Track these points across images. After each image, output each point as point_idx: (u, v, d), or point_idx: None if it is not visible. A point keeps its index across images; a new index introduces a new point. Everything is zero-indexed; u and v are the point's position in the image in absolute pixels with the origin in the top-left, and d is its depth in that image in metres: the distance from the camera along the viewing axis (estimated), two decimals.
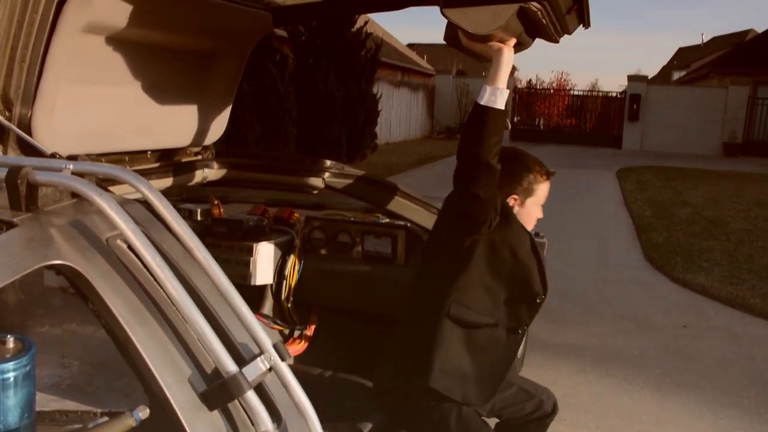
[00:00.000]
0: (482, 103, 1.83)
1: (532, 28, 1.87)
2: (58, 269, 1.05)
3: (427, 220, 2.65)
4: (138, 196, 1.15)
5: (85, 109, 1.98)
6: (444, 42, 1.99)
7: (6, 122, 1.64)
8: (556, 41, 2.05)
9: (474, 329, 2.04)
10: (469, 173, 1.88)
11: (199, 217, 2.67)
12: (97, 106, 2.05)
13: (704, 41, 48.54)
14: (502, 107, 1.85)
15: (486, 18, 1.62)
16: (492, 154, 1.84)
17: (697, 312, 5.53)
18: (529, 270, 2.11)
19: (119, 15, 1.87)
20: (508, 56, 1.86)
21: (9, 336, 1.01)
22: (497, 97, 1.83)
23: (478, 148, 1.83)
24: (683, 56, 51.00)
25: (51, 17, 1.64)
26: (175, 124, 2.46)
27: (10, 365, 0.98)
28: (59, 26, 1.67)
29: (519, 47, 1.99)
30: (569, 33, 2.04)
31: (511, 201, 2.14)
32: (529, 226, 2.20)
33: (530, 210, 2.19)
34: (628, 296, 5.85)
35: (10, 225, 1.05)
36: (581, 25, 2.05)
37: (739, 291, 5.99)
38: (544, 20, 1.77)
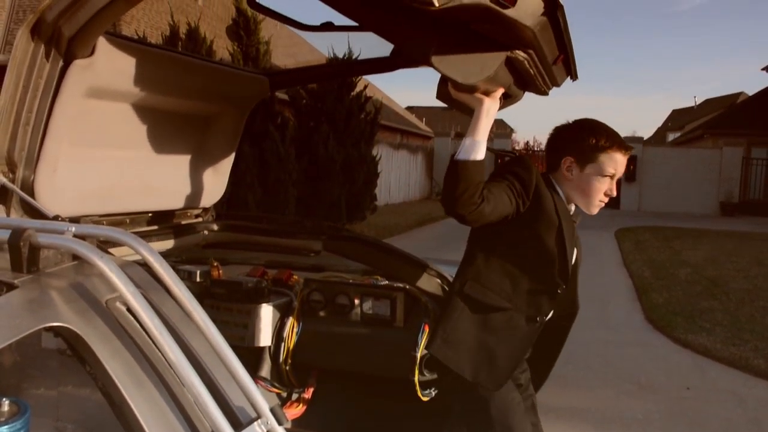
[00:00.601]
0: (459, 157, 1.85)
1: (520, 80, 1.92)
2: (56, 331, 1.06)
3: (425, 281, 2.65)
4: (138, 257, 1.17)
5: (86, 171, 2.02)
6: (439, 101, 2.04)
7: (9, 184, 1.67)
8: (546, 93, 2.10)
9: (490, 311, 2.08)
10: (458, 219, 1.91)
11: (198, 279, 2.68)
12: (98, 167, 2.08)
13: (697, 103, 49.48)
14: (480, 158, 1.86)
15: (475, 68, 1.66)
16: (470, 204, 1.84)
17: (701, 374, 5.46)
18: (551, 258, 2.08)
19: (121, 79, 1.93)
20: (489, 106, 1.87)
21: (4, 399, 1.01)
22: (475, 149, 1.85)
23: (456, 201, 1.85)
24: (677, 118, 51.86)
25: (55, 82, 1.69)
26: (176, 186, 2.49)
27: (5, 429, 0.97)
28: (62, 90, 1.71)
29: (510, 100, 2.04)
30: (557, 85, 2.09)
31: (565, 164, 2.12)
32: (588, 200, 2.14)
33: (590, 180, 2.11)
34: (629, 358, 5.78)
35: (10, 287, 1.06)
36: (569, 77, 2.10)
37: (742, 352, 5.92)
38: (531, 70, 1.81)
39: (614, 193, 2.16)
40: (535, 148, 31.12)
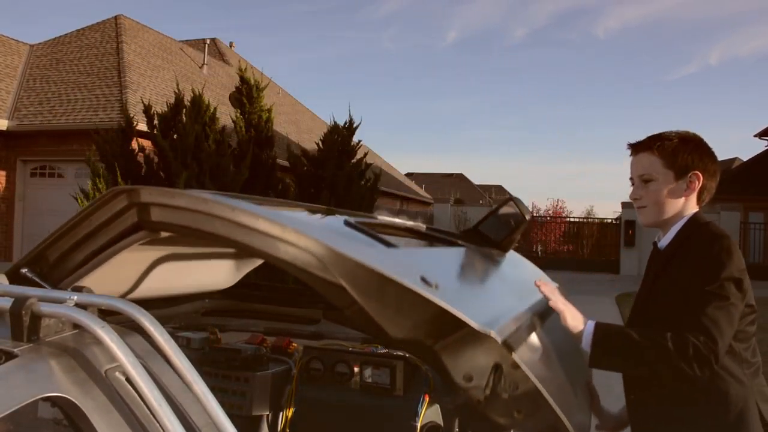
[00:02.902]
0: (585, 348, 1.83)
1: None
2: (54, 401, 1.05)
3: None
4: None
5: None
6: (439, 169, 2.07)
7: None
8: None
9: None
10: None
11: (196, 346, 2.66)
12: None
13: None
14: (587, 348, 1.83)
15: None
16: (695, 370, 1.66)
17: None
18: None
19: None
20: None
21: None
22: (583, 338, 1.84)
23: (681, 372, 1.69)
24: None
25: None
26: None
27: None
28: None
29: None
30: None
31: None
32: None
33: None
34: None
35: (10, 356, 1.06)
36: None
37: None
38: None
39: (632, 197, 2.04)
40: (534, 214, 31.30)
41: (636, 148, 2.01)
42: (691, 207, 2.01)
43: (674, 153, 1.94)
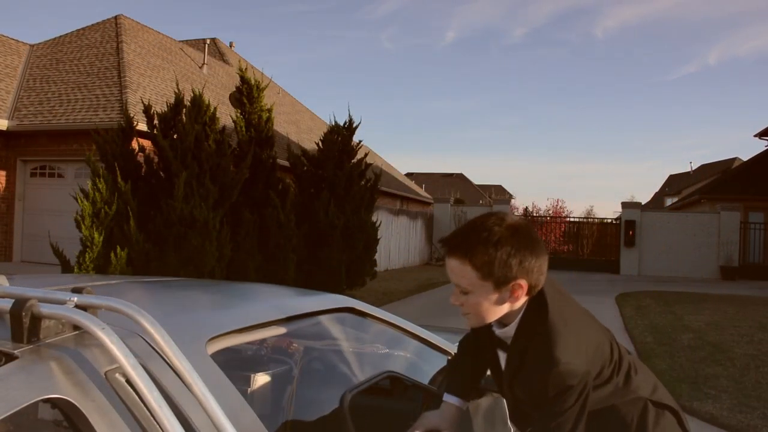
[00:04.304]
0: None
1: None
2: (54, 403, 1.05)
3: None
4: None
5: None
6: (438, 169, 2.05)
7: None
8: None
9: None
10: None
11: None
12: None
13: (693, 169, 50.14)
14: None
15: None
16: None
17: None
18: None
19: None
20: None
21: None
22: None
23: None
24: (674, 183, 52.46)
25: None
26: None
27: None
28: None
29: None
30: None
31: None
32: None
33: None
34: None
35: (10, 357, 1.06)
36: None
37: (750, 420, 5.80)
38: None
39: (453, 303, 1.72)
40: (534, 214, 31.29)
41: (448, 250, 1.66)
42: (522, 302, 1.70)
43: (489, 263, 1.60)
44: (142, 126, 10.37)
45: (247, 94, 11.57)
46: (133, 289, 2.20)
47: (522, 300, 1.68)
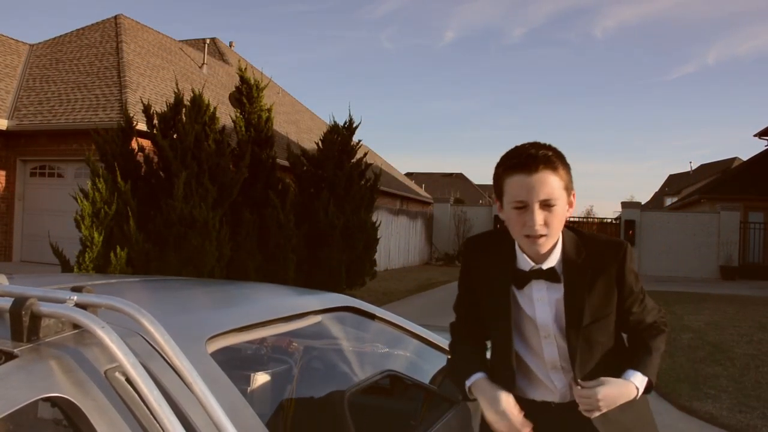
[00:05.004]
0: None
1: None
2: (53, 401, 1.05)
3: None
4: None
5: None
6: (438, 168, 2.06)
7: None
8: None
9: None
10: None
11: None
12: None
13: (693, 168, 50.14)
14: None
15: None
16: None
17: None
18: (495, 327, 1.97)
19: None
20: None
21: None
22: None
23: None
24: (674, 183, 52.47)
25: None
26: None
27: None
28: None
29: None
30: None
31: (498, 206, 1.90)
32: (519, 240, 1.83)
33: (509, 215, 1.82)
34: None
35: (10, 356, 1.05)
36: None
37: (749, 419, 5.80)
38: None
39: (533, 225, 1.73)
40: None
41: (542, 164, 1.73)
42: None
43: (567, 173, 1.79)
44: (142, 126, 10.37)
45: (246, 93, 11.57)
46: (133, 288, 2.20)
47: (571, 211, 1.86)
